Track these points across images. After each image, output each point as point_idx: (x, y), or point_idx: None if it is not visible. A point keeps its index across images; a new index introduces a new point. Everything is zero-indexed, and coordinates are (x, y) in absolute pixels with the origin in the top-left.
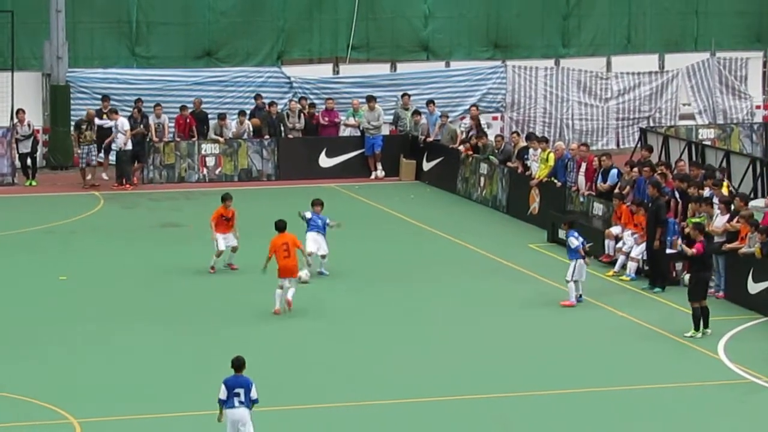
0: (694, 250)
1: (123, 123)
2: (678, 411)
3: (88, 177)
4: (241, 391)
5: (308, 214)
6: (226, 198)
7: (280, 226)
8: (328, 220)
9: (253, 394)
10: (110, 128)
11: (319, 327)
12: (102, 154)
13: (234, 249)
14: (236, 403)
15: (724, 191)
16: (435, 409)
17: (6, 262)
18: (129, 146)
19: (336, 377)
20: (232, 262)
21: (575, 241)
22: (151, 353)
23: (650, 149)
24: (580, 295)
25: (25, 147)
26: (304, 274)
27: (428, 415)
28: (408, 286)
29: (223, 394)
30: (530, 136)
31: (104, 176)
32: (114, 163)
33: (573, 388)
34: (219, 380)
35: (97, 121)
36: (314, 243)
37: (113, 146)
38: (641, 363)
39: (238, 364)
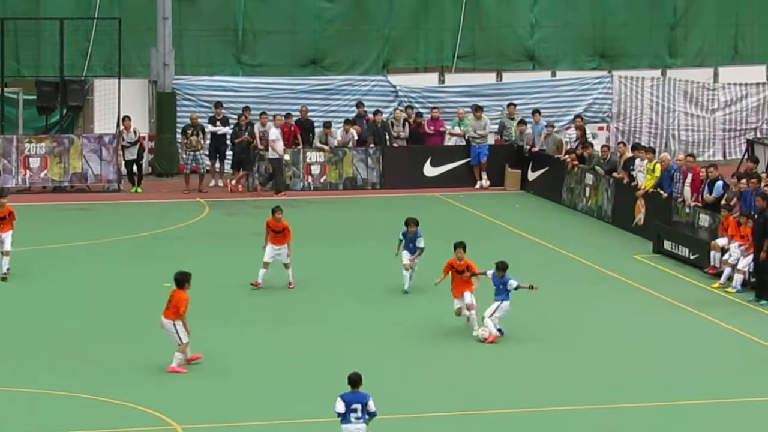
0: None
1: (273, 132)
2: None
3: (202, 183)
4: (359, 406)
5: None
6: (275, 210)
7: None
8: (419, 243)
9: (371, 407)
10: (224, 135)
11: (436, 339)
12: (208, 161)
13: (286, 266)
14: (353, 419)
15: None
16: (535, 419)
17: (112, 268)
18: (286, 156)
19: (445, 386)
20: (291, 280)
21: (514, 282)
22: (255, 359)
23: (756, 161)
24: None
25: (131, 154)
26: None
27: (521, 426)
28: (512, 295)
29: (340, 408)
30: (636, 147)
31: (219, 183)
32: (228, 167)
33: (677, 400)
34: (324, 386)
35: (209, 128)
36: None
37: (269, 154)
38: (746, 376)
39: (355, 379)
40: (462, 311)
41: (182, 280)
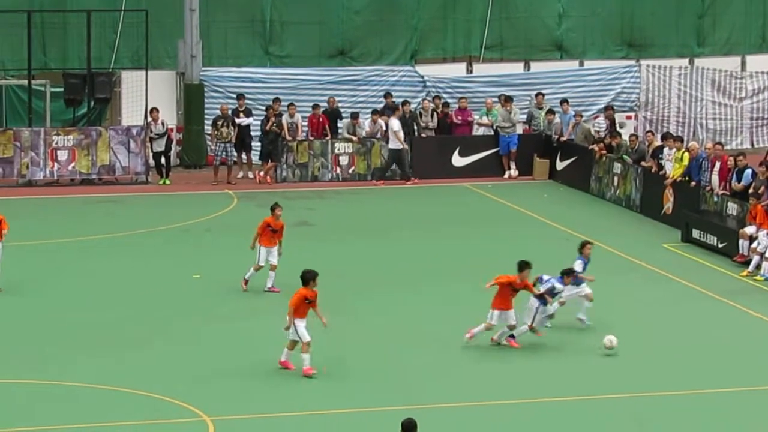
0: None
1: (395, 122)
2: None
3: (231, 175)
4: None
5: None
6: (275, 207)
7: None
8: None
9: None
10: (248, 126)
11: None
12: (235, 153)
13: (273, 267)
14: None
15: None
16: (566, 408)
17: (141, 260)
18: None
19: (474, 375)
20: (273, 285)
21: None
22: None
23: None
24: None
25: (159, 146)
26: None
27: (556, 415)
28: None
29: None
30: (666, 135)
31: (249, 175)
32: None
33: (707, 388)
34: (351, 379)
35: (242, 120)
36: None
37: (390, 145)
38: None
39: (409, 427)
40: (492, 327)
41: (306, 278)
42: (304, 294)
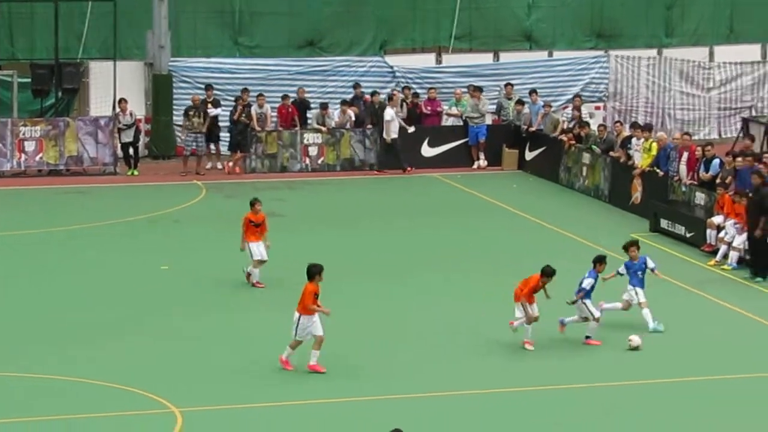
0: None
1: (389, 113)
2: None
3: (200, 165)
4: None
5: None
6: (254, 203)
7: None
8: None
9: None
10: (217, 117)
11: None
12: (205, 144)
13: (260, 263)
14: None
15: None
16: (537, 397)
17: (109, 251)
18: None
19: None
20: (258, 280)
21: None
22: (254, 341)
23: (752, 138)
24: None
25: (127, 136)
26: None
27: (525, 406)
28: (507, 274)
29: None
30: (634, 125)
31: (218, 165)
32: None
33: (674, 377)
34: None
35: (211, 111)
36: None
37: (386, 134)
38: (743, 353)
39: None
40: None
41: (312, 272)
42: (314, 290)
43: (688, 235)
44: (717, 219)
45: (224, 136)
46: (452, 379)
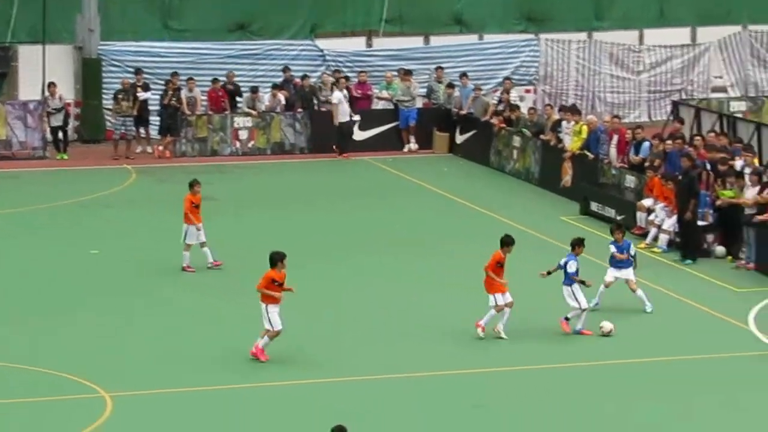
0: None
1: (337, 95)
2: (708, 382)
3: (129, 149)
4: None
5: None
6: (194, 184)
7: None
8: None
9: None
10: (146, 101)
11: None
12: (134, 128)
13: (203, 244)
14: None
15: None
16: (441, 382)
17: (39, 236)
18: (355, 117)
19: (346, 346)
20: (215, 259)
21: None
22: (185, 327)
23: (681, 122)
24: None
25: (57, 120)
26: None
27: (425, 390)
28: (439, 257)
29: None
30: (563, 108)
31: (148, 149)
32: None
33: (603, 360)
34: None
35: (141, 94)
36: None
37: (340, 118)
38: (672, 334)
39: None
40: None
41: (274, 259)
42: (271, 276)
43: (618, 218)
44: (647, 202)
45: (154, 120)
46: (388, 363)
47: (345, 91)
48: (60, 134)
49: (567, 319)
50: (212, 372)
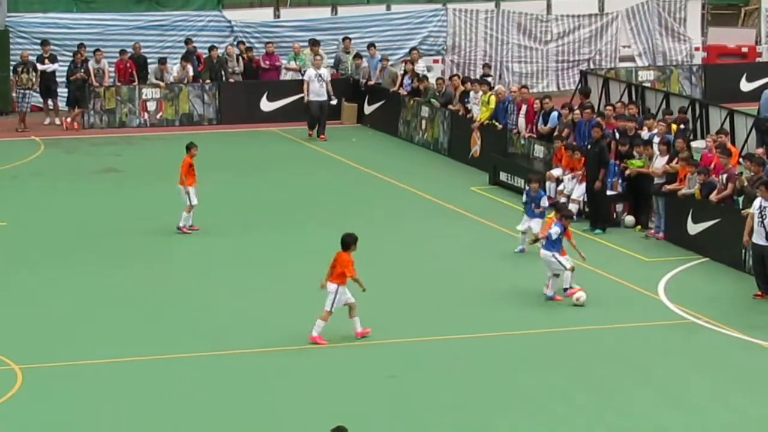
0: None
1: (310, 73)
2: (620, 352)
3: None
4: None
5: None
6: (191, 146)
7: None
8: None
9: None
10: (54, 72)
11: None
12: (40, 99)
13: (192, 207)
14: None
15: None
16: (374, 351)
17: None
18: (333, 102)
19: (256, 320)
20: (193, 224)
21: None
22: (95, 298)
23: (589, 91)
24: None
25: None
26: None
27: (362, 358)
28: (348, 228)
29: None
30: (471, 79)
31: (56, 121)
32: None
33: (513, 330)
34: (162, 326)
35: (39, 66)
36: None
37: (312, 97)
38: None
39: None
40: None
41: (347, 242)
42: (351, 259)
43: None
44: (556, 171)
45: (62, 91)
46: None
47: (323, 70)
48: None
49: (565, 290)
50: (123, 343)
